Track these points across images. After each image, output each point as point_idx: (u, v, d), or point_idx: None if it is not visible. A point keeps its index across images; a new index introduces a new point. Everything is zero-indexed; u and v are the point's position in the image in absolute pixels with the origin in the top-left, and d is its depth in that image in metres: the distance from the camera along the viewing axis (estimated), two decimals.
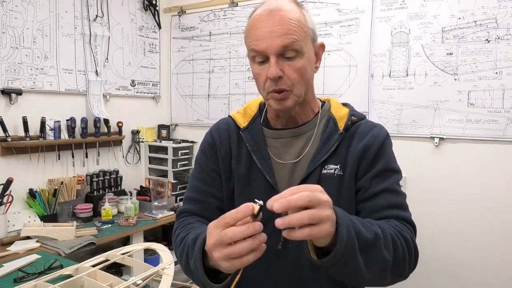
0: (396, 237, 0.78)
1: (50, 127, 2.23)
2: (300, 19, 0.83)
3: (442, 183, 2.02)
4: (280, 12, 0.82)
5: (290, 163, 0.92)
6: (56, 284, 1.14)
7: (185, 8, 2.86)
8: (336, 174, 0.89)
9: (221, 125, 1.01)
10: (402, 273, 0.81)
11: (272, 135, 0.95)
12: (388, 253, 0.75)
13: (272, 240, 0.88)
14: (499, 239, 1.89)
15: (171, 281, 1.22)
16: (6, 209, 1.93)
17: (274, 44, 0.80)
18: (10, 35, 2.08)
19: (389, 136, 0.94)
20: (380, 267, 0.73)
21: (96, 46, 2.51)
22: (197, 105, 2.90)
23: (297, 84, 0.84)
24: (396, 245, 0.77)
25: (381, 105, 2.15)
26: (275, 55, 0.81)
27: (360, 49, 2.20)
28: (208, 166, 0.98)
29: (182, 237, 0.88)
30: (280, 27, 0.80)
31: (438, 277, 2.03)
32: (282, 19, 0.81)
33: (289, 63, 0.83)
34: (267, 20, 0.82)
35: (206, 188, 0.97)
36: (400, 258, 0.78)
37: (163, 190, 2.55)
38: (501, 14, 1.83)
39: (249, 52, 0.86)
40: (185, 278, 2.51)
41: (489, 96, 1.89)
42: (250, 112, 1.00)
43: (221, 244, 0.64)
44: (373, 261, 0.72)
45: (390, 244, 0.76)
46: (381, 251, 0.73)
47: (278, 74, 0.81)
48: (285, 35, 0.80)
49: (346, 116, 0.93)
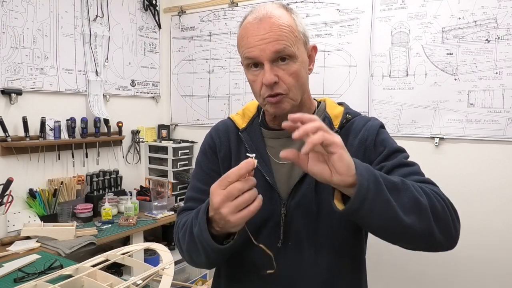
0: (426, 188, 0.76)
1: (50, 127, 2.23)
2: (290, 24, 0.85)
3: (442, 183, 1.98)
4: (270, 19, 0.83)
5: (288, 163, 0.92)
6: (56, 284, 1.13)
7: (185, 8, 2.87)
8: None
9: (220, 127, 1.03)
10: (449, 226, 0.76)
11: (271, 136, 0.97)
12: (421, 196, 0.72)
13: (272, 238, 0.89)
14: (499, 239, 1.89)
15: (171, 281, 1.22)
16: (6, 209, 1.93)
17: (266, 51, 0.82)
18: (10, 35, 2.08)
19: (384, 126, 0.96)
20: (419, 209, 0.71)
21: (96, 46, 2.51)
22: (197, 105, 2.90)
23: (293, 87, 0.86)
24: (427, 193, 0.75)
25: (381, 105, 2.15)
26: (268, 61, 0.83)
27: (360, 49, 2.20)
28: (208, 167, 1.00)
29: (185, 220, 0.90)
30: (271, 34, 0.82)
31: (438, 277, 2.03)
32: (273, 26, 0.83)
33: (283, 68, 0.84)
34: (258, 28, 0.83)
35: (206, 188, 0.96)
36: (437, 205, 0.74)
37: (163, 190, 2.55)
38: (501, 14, 1.83)
39: (244, 60, 0.88)
40: (185, 278, 2.51)
41: (489, 96, 1.89)
42: (248, 113, 1.02)
43: (229, 199, 0.70)
44: (408, 199, 0.70)
45: (420, 190, 0.74)
46: (412, 193, 0.71)
47: (273, 79, 0.83)
48: (276, 41, 0.82)
49: (341, 114, 0.96)
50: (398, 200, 0.69)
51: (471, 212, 1.94)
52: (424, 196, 0.73)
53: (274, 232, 0.90)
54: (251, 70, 0.87)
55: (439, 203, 0.75)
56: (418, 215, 0.71)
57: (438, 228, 0.74)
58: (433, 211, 0.73)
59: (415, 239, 0.74)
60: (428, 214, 0.72)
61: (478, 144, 1.93)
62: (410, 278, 2.09)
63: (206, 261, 0.85)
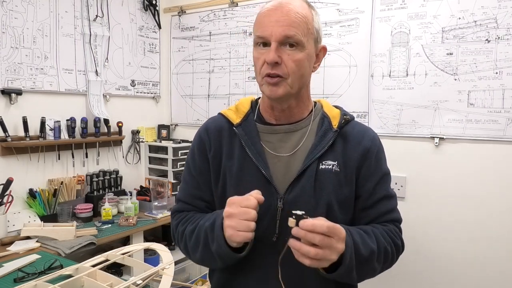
0: (389, 247, 0.92)
1: (50, 127, 2.23)
2: (307, 16, 0.88)
3: (442, 183, 2.01)
4: (288, 5, 0.87)
5: (285, 156, 0.94)
6: (56, 284, 1.13)
7: (185, 8, 2.87)
8: (334, 170, 0.93)
9: (210, 124, 1.04)
10: (387, 269, 0.97)
11: (267, 130, 0.97)
12: (379, 264, 0.90)
13: (267, 233, 0.92)
14: (499, 239, 1.89)
15: (171, 281, 1.22)
16: (6, 209, 1.93)
17: (277, 32, 0.85)
18: (10, 35, 2.08)
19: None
20: (370, 274, 0.91)
21: (96, 46, 2.51)
22: (197, 105, 2.90)
23: (292, 74, 0.88)
24: (387, 255, 0.91)
25: (381, 105, 2.15)
26: (276, 42, 0.86)
27: (360, 49, 2.20)
28: (196, 170, 1.02)
29: (191, 229, 0.94)
30: (286, 18, 0.86)
31: (438, 277, 2.03)
32: (290, 12, 0.87)
33: (289, 52, 0.87)
34: (275, 11, 0.88)
35: (194, 192, 1.02)
36: (388, 262, 0.94)
37: (163, 190, 2.55)
38: (501, 14, 1.83)
39: (255, 39, 0.91)
40: (185, 278, 2.51)
41: (489, 96, 1.89)
42: (242, 108, 1.02)
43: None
44: (365, 272, 0.88)
45: (382, 256, 0.90)
46: (373, 264, 0.88)
47: (276, 59, 0.86)
48: (288, 26, 0.85)
49: (338, 115, 0.98)
50: (359, 272, 0.85)
51: (470, 212, 1.95)
52: (381, 262, 0.91)
53: (270, 226, 0.91)
54: (259, 48, 0.90)
55: (391, 259, 0.94)
56: (368, 277, 0.91)
57: (381, 271, 0.94)
58: (382, 269, 0.93)
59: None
60: (376, 273, 0.92)
61: (478, 144, 1.93)
62: (410, 278, 2.09)
63: (222, 265, 0.93)
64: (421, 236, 2.04)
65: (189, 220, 0.98)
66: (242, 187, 0.91)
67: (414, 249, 2.04)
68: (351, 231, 0.86)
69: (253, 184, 0.91)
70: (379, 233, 0.91)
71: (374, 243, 0.88)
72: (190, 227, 0.95)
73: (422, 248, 2.05)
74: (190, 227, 0.95)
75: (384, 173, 0.98)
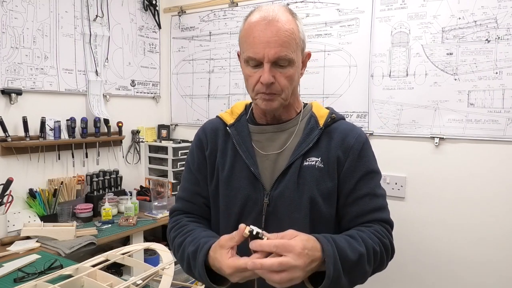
0: (378, 247, 0.91)
1: (50, 127, 2.23)
2: (294, 31, 0.91)
3: (442, 183, 2.02)
4: (277, 24, 0.89)
5: (273, 154, 1.00)
6: (56, 284, 1.14)
7: (185, 8, 2.87)
8: (317, 166, 0.96)
9: (207, 125, 1.11)
10: (380, 271, 0.95)
11: (257, 130, 1.03)
12: (369, 267, 0.88)
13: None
14: (499, 239, 1.89)
15: (171, 281, 1.22)
16: (6, 209, 1.93)
17: (269, 54, 0.88)
18: (10, 35, 2.08)
19: (369, 141, 1.04)
20: (361, 278, 0.89)
21: (96, 46, 2.51)
22: (197, 105, 2.90)
23: (286, 89, 0.93)
24: (376, 256, 0.90)
25: (381, 105, 2.15)
26: (269, 63, 0.89)
27: (360, 49, 2.20)
28: (195, 167, 1.08)
29: (180, 242, 0.98)
30: (277, 39, 0.88)
31: (438, 277, 2.03)
32: (279, 31, 0.89)
33: (281, 71, 0.91)
34: (264, 30, 0.89)
35: (193, 188, 1.09)
36: (378, 264, 0.92)
37: (163, 190, 2.55)
38: (501, 14, 1.83)
39: (245, 57, 0.93)
40: (185, 278, 2.51)
41: (489, 96, 1.89)
42: (236, 111, 1.09)
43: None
44: (356, 277, 0.86)
45: (371, 258, 0.89)
46: (363, 267, 0.87)
47: (271, 80, 0.90)
48: (280, 47, 0.88)
49: (326, 114, 1.02)
50: (349, 278, 0.84)
51: (470, 212, 1.95)
52: (372, 264, 0.89)
53: (256, 221, 0.96)
54: (250, 67, 0.93)
55: (381, 260, 0.92)
56: (359, 281, 0.89)
57: (373, 273, 0.93)
58: (374, 271, 0.92)
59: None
60: (367, 277, 0.90)
61: (478, 144, 1.93)
62: (410, 278, 2.09)
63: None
64: (421, 235, 2.04)
65: (180, 230, 1.02)
66: (232, 183, 1.00)
67: (414, 248, 2.04)
68: (335, 238, 0.85)
69: (243, 181, 0.98)
70: (365, 236, 0.91)
71: (362, 246, 0.87)
72: (179, 240, 0.99)
73: (422, 247, 2.05)
74: (178, 240, 1.00)
75: (369, 171, 0.98)
